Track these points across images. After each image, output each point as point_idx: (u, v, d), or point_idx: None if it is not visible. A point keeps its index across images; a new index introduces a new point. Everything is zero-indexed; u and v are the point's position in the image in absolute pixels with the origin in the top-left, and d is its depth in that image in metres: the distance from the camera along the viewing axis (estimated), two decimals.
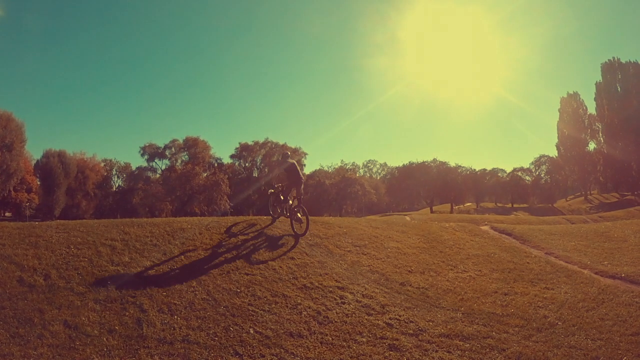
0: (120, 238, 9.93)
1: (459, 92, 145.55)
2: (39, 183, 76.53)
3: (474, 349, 7.19)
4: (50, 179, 73.54)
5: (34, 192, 74.99)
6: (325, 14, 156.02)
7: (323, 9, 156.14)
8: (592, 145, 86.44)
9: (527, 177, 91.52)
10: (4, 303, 6.86)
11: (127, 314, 7.04)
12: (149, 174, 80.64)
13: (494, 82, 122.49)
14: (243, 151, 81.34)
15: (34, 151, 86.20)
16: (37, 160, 76.24)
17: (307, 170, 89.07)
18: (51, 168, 73.42)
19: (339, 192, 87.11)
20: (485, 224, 18.68)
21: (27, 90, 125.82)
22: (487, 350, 7.19)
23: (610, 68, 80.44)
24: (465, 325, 8.03)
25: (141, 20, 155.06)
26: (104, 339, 6.33)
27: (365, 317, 7.95)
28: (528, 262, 12.27)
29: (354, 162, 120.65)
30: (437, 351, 7.01)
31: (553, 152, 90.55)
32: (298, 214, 11.68)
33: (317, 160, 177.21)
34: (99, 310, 7.03)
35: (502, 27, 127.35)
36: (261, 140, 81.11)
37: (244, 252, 10.20)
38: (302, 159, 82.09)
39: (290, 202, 12.05)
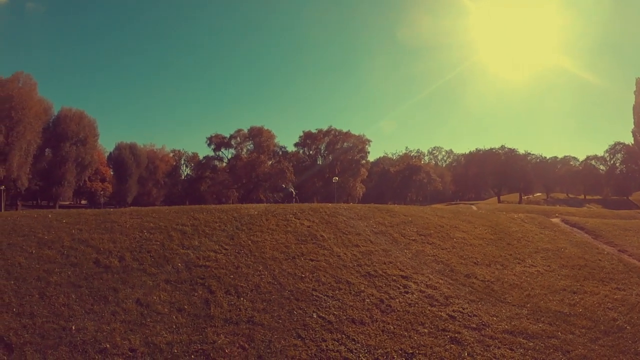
0: (190, 223, 10.37)
1: (529, 72, 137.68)
2: (112, 173, 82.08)
3: (537, 348, 6.95)
4: (122, 169, 78.99)
5: (107, 181, 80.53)
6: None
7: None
8: None
9: (602, 166, 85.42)
10: (81, 282, 7.38)
11: (195, 294, 7.36)
12: (216, 162, 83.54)
13: (565, 60, 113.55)
14: (307, 139, 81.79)
15: (107, 144, 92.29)
16: (110, 153, 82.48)
17: (371, 157, 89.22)
18: (123, 159, 78.72)
19: (404, 180, 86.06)
20: (556, 217, 17.91)
21: (100, 90, 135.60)
22: (551, 350, 6.94)
23: None
24: (531, 323, 7.77)
25: (211, 24, 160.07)
26: (174, 317, 6.66)
27: (428, 307, 7.86)
28: (600, 260, 11.65)
29: (418, 149, 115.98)
30: (499, 348, 6.84)
31: (629, 139, 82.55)
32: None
33: (381, 147, 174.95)
34: (170, 290, 7.40)
35: (578, 8, 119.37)
36: (325, 128, 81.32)
37: (309, 238, 10.35)
38: (367, 146, 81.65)
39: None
